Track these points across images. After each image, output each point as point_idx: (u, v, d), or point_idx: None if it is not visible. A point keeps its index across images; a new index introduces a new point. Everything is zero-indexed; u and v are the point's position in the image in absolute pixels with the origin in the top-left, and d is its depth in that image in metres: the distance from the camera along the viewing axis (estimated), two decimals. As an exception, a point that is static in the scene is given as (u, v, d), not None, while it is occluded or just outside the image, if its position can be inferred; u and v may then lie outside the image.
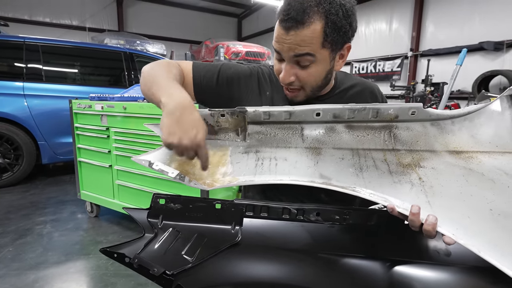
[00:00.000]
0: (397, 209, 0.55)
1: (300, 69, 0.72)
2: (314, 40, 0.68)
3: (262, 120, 0.68)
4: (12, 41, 3.36)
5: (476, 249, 0.49)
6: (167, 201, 0.66)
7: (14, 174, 3.31)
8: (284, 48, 0.70)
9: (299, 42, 0.68)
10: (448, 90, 2.21)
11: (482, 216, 0.53)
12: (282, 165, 0.65)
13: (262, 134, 0.69)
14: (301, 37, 0.67)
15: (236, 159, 0.67)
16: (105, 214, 2.60)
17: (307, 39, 0.67)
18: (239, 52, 7.91)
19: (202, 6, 11.69)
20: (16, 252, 1.99)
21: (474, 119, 0.62)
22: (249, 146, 0.69)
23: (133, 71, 3.97)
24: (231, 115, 0.68)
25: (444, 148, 0.63)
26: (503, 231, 0.51)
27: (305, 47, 0.68)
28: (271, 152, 0.68)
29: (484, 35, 6.19)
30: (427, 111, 0.62)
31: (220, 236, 0.64)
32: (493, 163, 0.59)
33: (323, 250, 0.63)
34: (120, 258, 0.60)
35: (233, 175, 0.64)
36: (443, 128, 0.63)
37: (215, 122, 0.69)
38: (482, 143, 0.61)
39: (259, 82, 0.87)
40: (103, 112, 2.19)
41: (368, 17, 8.58)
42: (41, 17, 9.31)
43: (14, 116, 3.21)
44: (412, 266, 0.61)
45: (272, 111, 0.67)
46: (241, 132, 0.70)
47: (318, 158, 0.65)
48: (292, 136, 0.68)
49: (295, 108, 0.66)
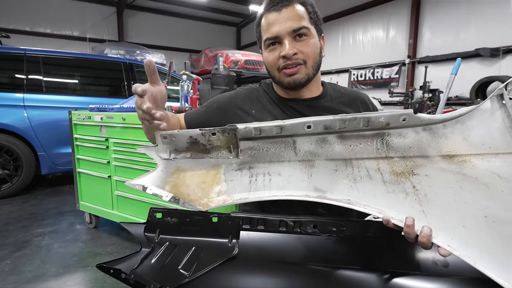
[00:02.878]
0: (392, 221, 0.55)
1: (299, 42, 0.79)
2: (304, 14, 0.80)
3: (254, 136, 0.68)
4: (13, 53, 3.39)
5: (472, 260, 0.48)
6: (163, 215, 0.67)
7: (13, 185, 3.30)
8: (282, 27, 0.78)
9: (294, 15, 0.78)
10: (444, 99, 2.23)
11: (477, 224, 0.52)
12: (276, 180, 0.65)
13: (255, 150, 0.69)
14: (294, 11, 0.78)
15: (230, 177, 0.67)
16: (104, 225, 2.58)
17: (299, 13, 0.79)
18: (238, 60, 7.97)
19: (201, 16, 11.85)
20: (13, 265, 1.98)
21: (466, 121, 0.61)
22: (242, 163, 0.70)
23: (133, 81, 4.00)
24: (222, 133, 0.68)
25: (437, 152, 0.62)
26: (499, 238, 0.51)
27: (301, 21, 0.78)
28: (265, 168, 0.68)
29: (480, 41, 6.25)
30: (418, 117, 0.62)
31: (217, 250, 0.64)
32: (486, 166, 0.58)
33: (320, 263, 0.63)
34: (117, 273, 0.60)
35: (228, 193, 0.64)
36: (435, 132, 0.63)
37: (207, 141, 0.70)
38: (475, 145, 0.60)
39: (243, 102, 0.90)
40: (102, 123, 2.20)
41: (365, 24, 8.68)
42: (42, 28, 9.41)
43: (14, 127, 3.21)
44: (410, 278, 0.61)
45: (262, 126, 0.67)
46: (233, 149, 0.70)
47: (312, 170, 0.65)
48: (284, 150, 0.68)
49: (285, 122, 0.66)
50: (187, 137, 0.70)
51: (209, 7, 10.99)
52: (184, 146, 0.71)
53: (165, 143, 0.71)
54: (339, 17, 8.95)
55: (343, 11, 8.91)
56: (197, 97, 2.29)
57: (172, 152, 0.72)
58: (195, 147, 0.71)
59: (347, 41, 9.18)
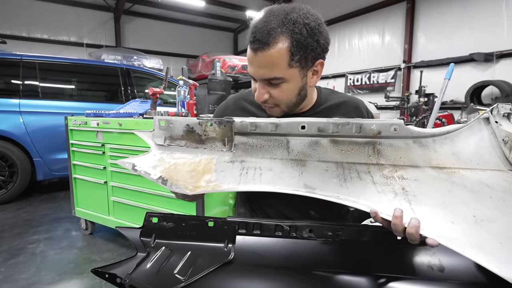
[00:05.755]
0: (380, 214, 0.55)
1: (272, 87, 0.76)
2: (280, 60, 0.71)
3: (249, 131, 0.70)
4: (9, 58, 3.39)
5: (461, 249, 0.48)
6: (159, 219, 0.66)
7: (8, 191, 3.27)
8: (255, 71, 0.74)
9: (266, 63, 0.71)
10: (438, 103, 2.25)
11: (466, 221, 0.53)
12: (267, 175, 0.65)
13: (248, 145, 0.71)
14: (267, 58, 0.71)
15: (221, 168, 0.68)
16: (100, 231, 2.56)
17: (274, 60, 0.71)
18: (235, 65, 8.01)
19: (199, 21, 11.91)
20: (7, 272, 1.95)
21: (454, 138, 0.64)
22: (235, 156, 0.70)
23: (130, 86, 4.00)
24: (218, 125, 0.70)
25: (427, 164, 0.64)
26: (488, 234, 0.51)
27: (273, 70, 0.72)
28: (256, 163, 0.69)
29: (474, 46, 6.33)
30: (408, 129, 0.64)
31: (213, 254, 0.64)
32: (475, 177, 0.60)
33: (315, 267, 0.63)
34: (112, 278, 0.59)
35: (217, 182, 0.64)
36: (425, 145, 0.65)
37: (203, 131, 0.71)
38: (464, 160, 0.63)
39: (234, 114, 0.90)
40: (99, 128, 2.19)
41: (361, 30, 8.77)
42: (39, 34, 9.40)
43: (10, 133, 3.20)
44: (406, 282, 0.61)
45: (258, 122, 0.69)
46: (228, 142, 0.71)
47: (303, 169, 0.66)
48: (277, 148, 0.69)
49: (281, 120, 0.68)
50: (184, 125, 0.71)
51: (206, 12, 11.06)
52: (180, 134, 0.72)
53: (162, 129, 0.72)
54: (335, 23, 9.03)
55: (339, 17, 9.00)
56: (193, 102, 2.29)
57: (167, 139, 0.73)
58: (190, 136, 0.72)
59: (343, 46, 9.26)
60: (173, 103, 3.93)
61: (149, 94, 2.37)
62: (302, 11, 0.72)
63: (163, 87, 2.43)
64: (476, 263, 0.58)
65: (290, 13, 0.71)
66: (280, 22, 0.70)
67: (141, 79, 4.25)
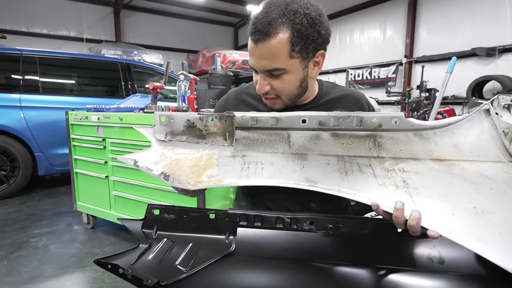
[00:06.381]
0: (382, 207, 0.55)
1: (273, 79, 0.76)
2: (281, 51, 0.71)
3: (250, 126, 0.70)
4: (9, 53, 3.38)
5: (462, 241, 0.49)
6: (161, 211, 0.67)
7: (10, 186, 3.29)
8: (256, 62, 0.74)
9: (267, 54, 0.71)
10: (440, 97, 2.24)
11: (467, 212, 0.53)
12: (268, 169, 0.66)
13: (249, 140, 0.71)
14: (268, 48, 0.71)
15: (222, 163, 0.68)
16: (101, 226, 2.58)
17: (275, 50, 0.71)
18: (236, 60, 7.97)
19: (199, 16, 11.83)
20: (10, 266, 1.97)
21: (455, 130, 0.64)
22: (236, 151, 0.71)
23: (130, 81, 3.99)
24: (219, 120, 0.70)
25: (428, 156, 0.64)
26: (488, 225, 0.51)
27: (274, 61, 0.72)
28: (258, 157, 0.69)
29: (476, 41, 6.29)
30: (409, 121, 0.65)
31: (214, 246, 0.64)
32: (476, 169, 0.61)
33: (316, 259, 0.63)
34: (114, 269, 0.60)
35: (219, 177, 0.65)
36: (425, 138, 0.65)
37: (203, 126, 0.71)
38: (464, 152, 0.63)
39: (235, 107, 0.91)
40: (100, 123, 2.19)
41: (362, 24, 8.70)
42: (38, 29, 9.36)
43: (11, 128, 3.20)
44: (406, 274, 0.61)
45: (259, 116, 0.69)
46: (229, 137, 0.71)
47: (304, 163, 0.66)
48: (278, 142, 0.70)
49: (281, 114, 0.68)
50: (184, 120, 0.71)
51: (207, 7, 10.97)
52: (181, 129, 0.72)
53: (163, 125, 0.72)
54: (336, 17, 8.96)
55: (340, 11, 8.93)
56: (194, 96, 2.29)
57: (168, 134, 0.73)
58: (191, 131, 0.72)
59: (344, 41, 9.20)
60: (174, 98, 3.91)
61: (149, 89, 2.36)
62: (303, 1, 0.72)
63: (164, 82, 2.43)
64: (476, 255, 0.59)
65: (291, 4, 0.71)
66: (281, 12, 0.70)
67: (141, 74, 4.24)
